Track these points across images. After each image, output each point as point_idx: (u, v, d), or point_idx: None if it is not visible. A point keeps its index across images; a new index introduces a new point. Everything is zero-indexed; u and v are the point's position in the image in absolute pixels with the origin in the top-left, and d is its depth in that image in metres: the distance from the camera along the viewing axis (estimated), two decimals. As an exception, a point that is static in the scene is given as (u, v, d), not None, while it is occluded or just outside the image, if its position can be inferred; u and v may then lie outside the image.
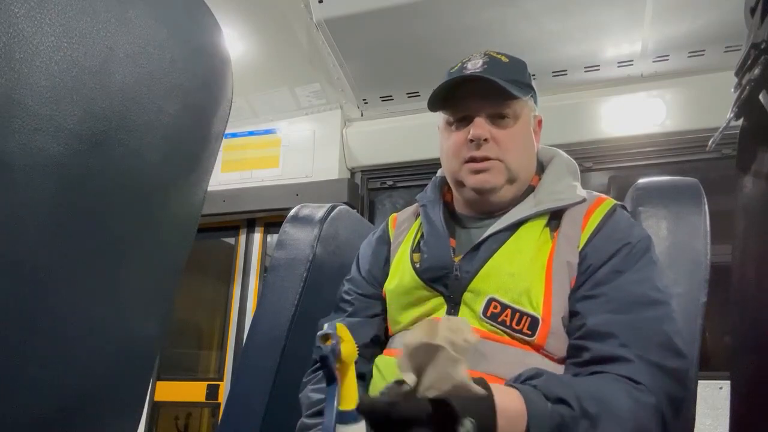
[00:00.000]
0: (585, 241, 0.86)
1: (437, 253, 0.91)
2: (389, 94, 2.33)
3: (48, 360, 0.40)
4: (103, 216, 0.43)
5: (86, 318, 0.43)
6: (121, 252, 0.46)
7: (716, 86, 1.90)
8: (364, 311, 1.01)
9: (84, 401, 0.45)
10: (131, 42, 0.42)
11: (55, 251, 0.39)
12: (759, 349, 0.60)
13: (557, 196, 0.91)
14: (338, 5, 1.93)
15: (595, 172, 2.19)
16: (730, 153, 1.92)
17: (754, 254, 0.62)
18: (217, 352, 2.67)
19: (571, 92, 2.13)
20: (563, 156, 1.01)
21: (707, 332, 1.84)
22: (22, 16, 0.34)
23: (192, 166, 0.52)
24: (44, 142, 0.36)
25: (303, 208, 1.29)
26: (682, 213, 1.00)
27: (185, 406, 2.62)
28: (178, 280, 0.54)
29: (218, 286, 2.76)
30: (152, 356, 0.53)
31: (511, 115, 0.93)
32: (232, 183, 2.55)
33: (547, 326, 0.80)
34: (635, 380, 0.71)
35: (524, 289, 0.82)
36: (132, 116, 0.43)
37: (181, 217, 0.52)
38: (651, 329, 0.76)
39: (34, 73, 0.35)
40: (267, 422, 1.04)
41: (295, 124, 2.55)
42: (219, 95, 0.53)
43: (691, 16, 1.80)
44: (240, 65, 2.26)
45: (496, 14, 1.86)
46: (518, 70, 0.95)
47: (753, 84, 0.58)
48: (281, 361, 1.08)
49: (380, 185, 2.52)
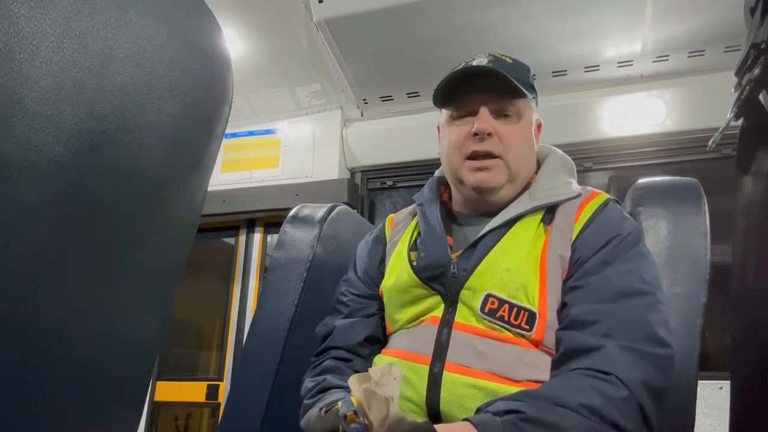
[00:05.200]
0: (577, 234, 0.86)
1: (434, 251, 0.91)
2: (389, 94, 2.33)
3: (48, 360, 0.40)
4: (103, 216, 0.43)
5: (86, 318, 0.43)
6: (121, 252, 0.46)
7: (716, 86, 1.90)
8: (360, 311, 1.01)
9: (84, 401, 0.45)
10: (131, 42, 0.42)
11: (55, 251, 0.39)
12: (759, 349, 0.60)
13: (552, 191, 0.92)
14: (338, 5, 1.93)
15: (595, 172, 2.19)
16: (730, 153, 1.92)
17: (754, 254, 0.62)
18: (217, 352, 2.67)
19: (571, 92, 2.13)
20: (558, 153, 1.02)
21: (707, 332, 1.84)
22: (22, 16, 0.34)
23: (192, 166, 0.52)
24: (44, 142, 0.36)
25: (303, 208, 1.29)
26: (682, 213, 1.00)
27: (185, 406, 2.62)
28: (178, 281, 0.54)
29: (218, 286, 2.76)
30: (152, 356, 0.53)
31: (514, 113, 0.93)
32: (232, 183, 2.55)
33: (544, 320, 0.80)
34: (605, 371, 0.71)
35: (520, 283, 0.82)
36: (132, 116, 0.43)
37: (181, 217, 0.52)
38: (633, 318, 0.76)
39: (34, 73, 0.35)
40: (267, 422, 1.04)
41: (295, 124, 2.55)
42: (219, 95, 0.53)
43: (691, 16, 1.80)
44: (240, 65, 2.26)
45: (496, 14, 1.86)
46: (522, 72, 0.95)
47: (753, 84, 0.58)
48: (281, 361, 1.08)
49: (380, 185, 2.52)
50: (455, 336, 0.84)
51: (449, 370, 0.81)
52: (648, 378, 0.71)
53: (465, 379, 0.79)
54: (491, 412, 0.70)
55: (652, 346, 0.73)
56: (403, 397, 0.82)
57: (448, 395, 0.79)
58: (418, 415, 0.81)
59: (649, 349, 0.73)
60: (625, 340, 0.73)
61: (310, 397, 0.90)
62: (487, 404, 0.73)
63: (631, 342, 0.73)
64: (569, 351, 0.76)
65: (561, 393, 0.70)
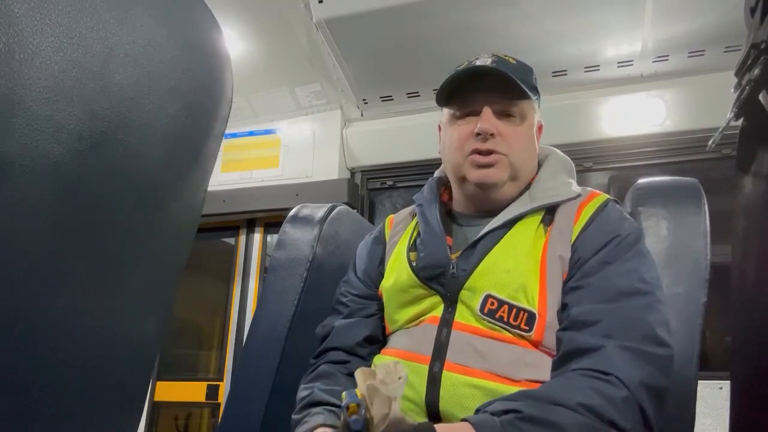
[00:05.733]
0: (577, 235, 0.86)
1: (434, 251, 0.91)
2: (389, 94, 2.33)
3: (47, 360, 0.40)
4: (103, 216, 0.43)
5: (86, 318, 0.43)
6: (121, 252, 0.46)
7: (716, 86, 1.90)
8: (360, 312, 1.01)
9: (84, 401, 0.45)
10: (131, 42, 0.42)
11: (55, 251, 0.39)
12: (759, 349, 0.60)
13: (552, 192, 0.92)
14: (338, 5, 1.93)
15: (595, 172, 2.19)
16: (730, 153, 1.92)
17: (754, 254, 0.62)
18: (217, 353, 2.67)
19: (571, 92, 2.13)
20: (558, 154, 1.02)
21: (707, 332, 1.84)
22: (22, 16, 0.34)
23: (192, 166, 0.52)
24: (44, 142, 0.36)
25: (303, 208, 1.29)
26: (682, 213, 1.00)
27: (185, 406, 2.62)
28: (178, 280, 0.54)
29: (218, 286, 2.76)
30: (152, 356, 0.53)
31: (517, 114, 0.94)
32: (232, 183, 2.55)
33: (544, 321, 0.80)
34: (605, 372, 0.71)
35: (520, 284, 0.82)
36: (132, 116, 0.43)
37: (181, 217, 0.52)
38: (633, 318, 0.76)
39: (34, 73, 0.35)
40: (267, 422, 1.04)
41: (295, 124, 2.55)
42: (219, 95, 0.53)
43: (691, 16, 1.80)
44: (240, 65, 2.26)
45: (496, 14, 1.86)
46: (526, 73, 0.95)
47: (753, 84, 0.58)
48: (281, 361, 1.08)
49: (380, 185, 2.52)
50: (455, 336, 0.84)
51: (449, 369, 0.81)
52: (648, 378, 0.71)
53: (464, 378, 0.79)
54: (489, 412, 0.70)
55: (652, 347, 0.73)
56: (403, 396, 0.82)
57: (447, 395, 0.79)
58: (417, 414, 0.82)
59: (649, 349, 0.73)
60: (625, 340, 0.73)
61: (298, 411, 0.90)
62: (485, 404, 0.73)
63: (631, 342, 0.73)
64: (569, 352, 0.76)
65: (560, 393, 0.70)
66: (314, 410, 0.86)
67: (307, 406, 0.88)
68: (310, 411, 0.86)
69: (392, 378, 0.67)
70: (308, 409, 0.87)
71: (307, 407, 0.88)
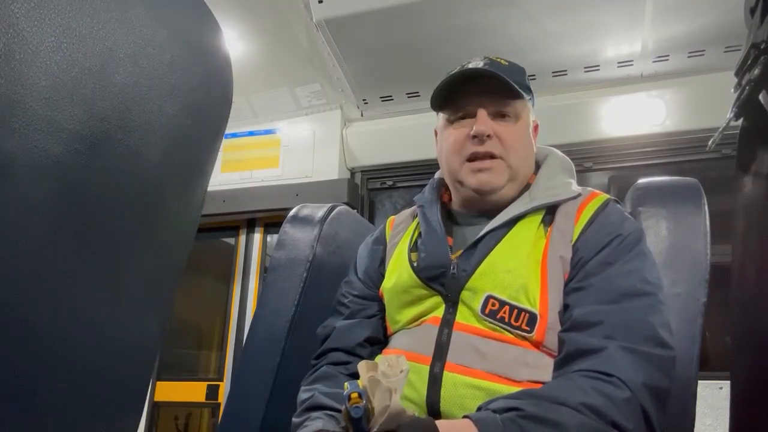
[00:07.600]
0: (577, 235, 0.86)
1: (434, 252, 0.91)
2: (389, 94, 2.33)
3: (47, 360, 0.40)
4: (103, 216, 0.43)
5: (86, 318, 0.43)
6: (121, 252, 0.46)
7: (716, 86, 1.90)
8: (361, 313, 1.01)
9: (84, 401, 0.45)
10: (131, 42, 0.42)
11: (55, 251, 0.39)
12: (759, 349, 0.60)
13: (552, 191, 0.92)
14: (338, 5, 1.93)
15: (595, 172, 2.19)
16: (730, 153, 1.92)
17: (754, 254, 0.62)
18: (217, 352, 2.67)
19: (571, 92, 2.13)
20: (558, 154, 1.02)
21: (707, 332, 1.84)
22: (22, 16, 0.34)
23: (192, 166, 0.52)
24: (44, 142, 0.36)
25: (303, 209, 1.29)
26: (682, 213, 1.00)
27: (185, 406, 2.62)
28: (178, 280, 0.54)
29: (218, 286, 2.76)
30: (152, 356, 0.53)
31: (512, 114, 0.94)
32: (232, 183, 2.56)
33: (545, 322, 0.80)
34: (607, 373, 0.71)
35: (521, 285, 0.82)
36: (132, 116, 0.43)
37: (181, 218, 0.52)
38: (634, 319, 0.76)
39: (34, 73, 0.35)
40: (267, 422, 1.04)
41: (295, 124, 2.55)
42: (219, 95, 0.53)
43: (691, 16, 1.80)
44: (240, 65, 2.26)
45: (496, 14, 1.86)
46: (518, 73, 0.95)
47: (753, 84, 0.58)
48: (281, 361, 1.08)
49: (380, 185, 2.52)
50: (456, 336, 0.84)
51: (450, 370, 0.81)
52: (650, 380, 0.71)
53: (465, 379, 0.79)
54: (491, 410, 0.70)
55: (655, 348, 0.73)
56: (404, 397, 0.82)
57: (448, 395, 0.79)
58: (418, 414, 0.81)
59: (652, 350, 0.73)
60: (628, 341, 0.73)
61: (299, 414, 0.89)
62: (487, 402, 0.73)
63: (633, 344, 0.73)
64: (572, 353, 0.76)
65: (562, 392, 0.70)
66: (314, 414, 0.86)
67: (308, 409, 0.88)
68: (311, 415, 0.86)
69: (394, 371, 0.68)
70: (309, 412, 0.87)
71: (307, 411, 0.88)
